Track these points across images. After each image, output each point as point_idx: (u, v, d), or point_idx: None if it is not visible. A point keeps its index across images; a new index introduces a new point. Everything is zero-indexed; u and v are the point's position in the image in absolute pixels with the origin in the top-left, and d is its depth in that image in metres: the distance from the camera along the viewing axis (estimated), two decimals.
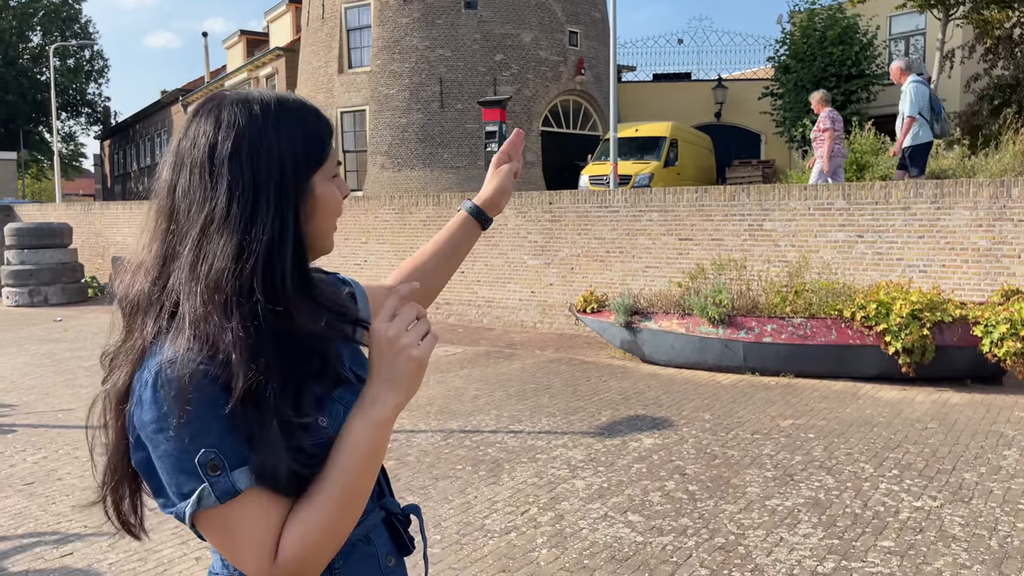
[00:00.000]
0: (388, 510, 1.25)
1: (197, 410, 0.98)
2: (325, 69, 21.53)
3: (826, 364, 7.58)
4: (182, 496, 1.01)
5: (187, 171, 1.10)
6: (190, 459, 0.99)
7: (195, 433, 0.99)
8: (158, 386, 1.00)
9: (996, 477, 4.99)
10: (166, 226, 1.10)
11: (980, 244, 8.27)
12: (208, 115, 1.11)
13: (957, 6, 12.21)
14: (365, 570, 1.17)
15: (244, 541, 1.02)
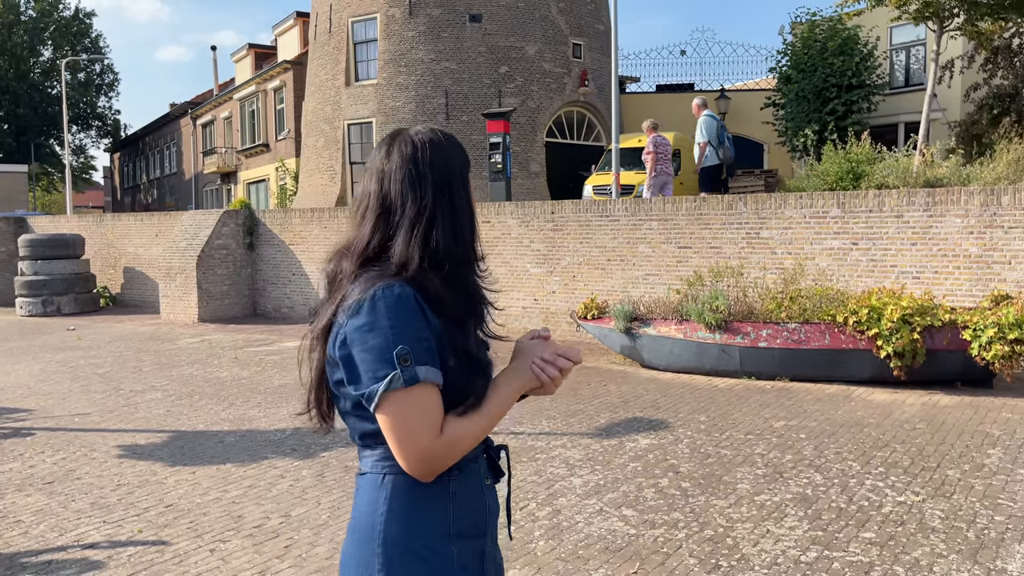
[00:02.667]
0: (487, 445, 1.67)
1: (402, 319, 1.42)
2: (332, 82, 21.86)
3: (820, 368, 7.77)
4: (377, 379, 1.41)
5: (397, 182, 1.55)
6: (390, 352, 1.41)
7: (397, 333, 1.41)
8: (376, 299, 1.44)
9: (979, 474, 5.18)
10: (376, 222, 1.55)
11: (971, 251, 8.45)
12: (404, 142, 1.58)
13: (952, 18, 12.41)
14: (472, 481, 1.59)
15: (416, 418, 1.42)
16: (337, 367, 1.49)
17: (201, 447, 6.25)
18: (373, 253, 1.53)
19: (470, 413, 1.48)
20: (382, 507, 1.49)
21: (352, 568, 1.52)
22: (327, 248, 14.84)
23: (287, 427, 6.80)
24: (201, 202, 38.51)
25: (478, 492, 1.58)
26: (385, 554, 1.47)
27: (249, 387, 8.61)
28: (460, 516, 1.53)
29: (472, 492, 1.57)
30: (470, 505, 1.55)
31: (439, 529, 1.50)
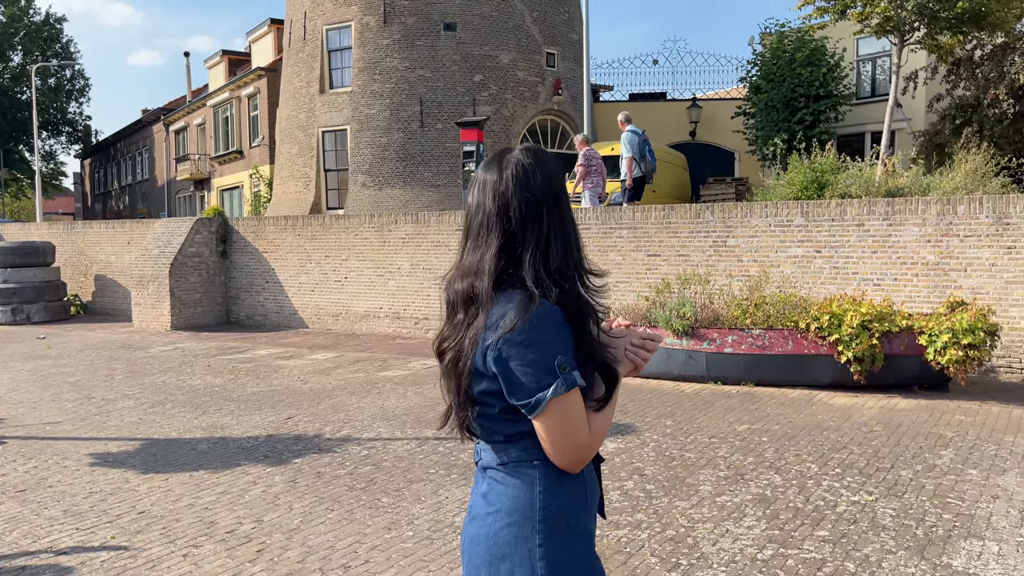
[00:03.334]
0: None
1: (555, 332, 1.59)
2: (307, 89, 21.89)
3: (783, 373, 7.98)
4: (542, 388, 1.56)
5: (516, 207, 1.67)
6: (551, 362, 1.57)
7: (554, 346, 1.58)
8: (532, 316, 1.58)
9: (930, 474, 5.38)
10: (501, 245, 1.66)
11: (929, 259, 8.72)
12: (516, 164, 1.70)
13: (912, 32, 12.76)
14: (590, 468, 1.76)
15: (578, 417, 1.61)
16: (484, 379, 1.63)
17: (174, 454, 6.30)
18: (501, 275, 1.65)
19: (603, 408, 1.68)
20: (539, 487, 1.64)
21: (502, 545, 1.65)
22: (301, 255, 14.91)
23: (260, 434, 6.87)
24: (174, 209, 38.23)
25: (594, 474, 1.77)
26: (545, 529, 1.63)
27: (222, 395, 8.65)
28: (591, 493, 1.73)
29: (592, 474, 1.76)
30: (594, 485, 1.76)
31: (581, 506, 1.69)
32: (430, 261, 13.07)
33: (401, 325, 13.43)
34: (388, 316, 13.60)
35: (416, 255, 13.24)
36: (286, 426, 7.16)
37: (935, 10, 12.20)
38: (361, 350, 11.88)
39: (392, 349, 11.96)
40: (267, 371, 10.15)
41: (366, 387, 8.96)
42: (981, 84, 17.21)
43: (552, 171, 1.72)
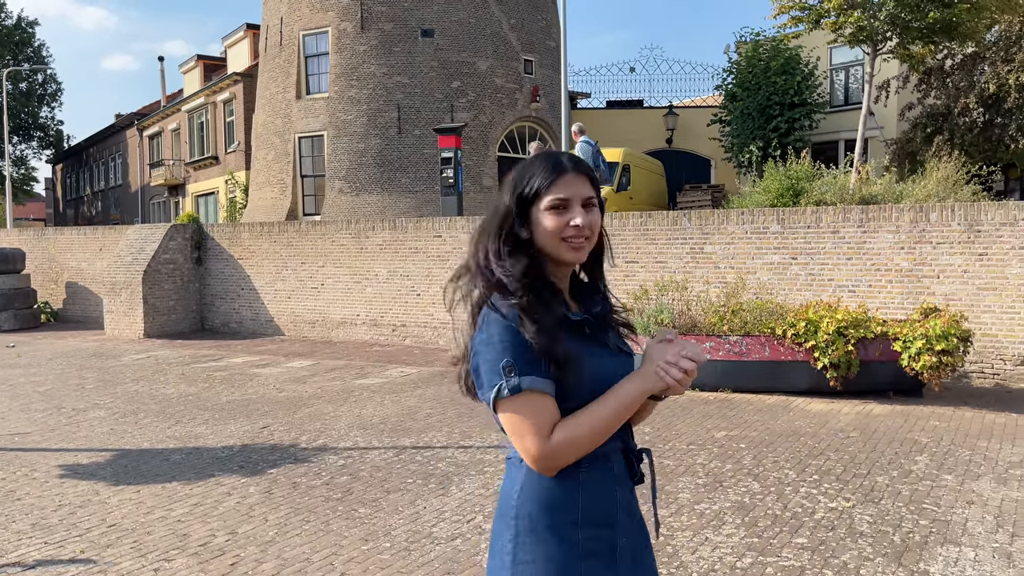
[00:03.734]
0: (626, 446, 1.74)
1: (504, 336, 1.59)
2: (283, 95, 21.74)
3: (761, 379, 8.02)
4: (491, 387, 1.58)
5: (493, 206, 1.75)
6: (498, 364, 1.58)
7: (504, 348, 1.58)
8: (486, 316, 1.63)
9: (906, 480, 5.42)
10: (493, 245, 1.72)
11: (902, 265, 8.81)
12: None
13: (885, 41, 12.93)
14: (602, 476, 1.67)
15: (524, 424, 1.57)
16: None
17: (146, 465, 6.19)
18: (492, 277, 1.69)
19: (579, 414, 1.59)
20: (518, 486, 1.65)
21: (495, 536, 1.72)
22: (277, 262, 14.77)
23: (235, 444, 6.78)
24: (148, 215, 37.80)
25: (609, 486, 1.65)
26: (516, 527, 1.64)
27: (196, 404, 8.53)
28: (589, 505, 1.63)
29: (602, 485, 1.65)
30: (599, 496, 1.64)
31: (567, 514, 1.62)
32: (408, 268, 13.01)
33: (378, 332, 13.35)
34: (365, 323, 13.51)
35: (394, 262, 13.18)
36: (261, 435, 7.07)
37: (907, 20, 12.37)
38: (338, 358, 11.79)
39: (369, 356, 11.88)
40: (242, 379, 10.03)
41: (343, 395, 8.88)
42: (951, 93, 17.47)
43: (515, 175, 1.71)
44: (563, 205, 1.67)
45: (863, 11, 12.40)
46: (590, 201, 1.69)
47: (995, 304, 8.64)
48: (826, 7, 12.77)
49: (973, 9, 12.45)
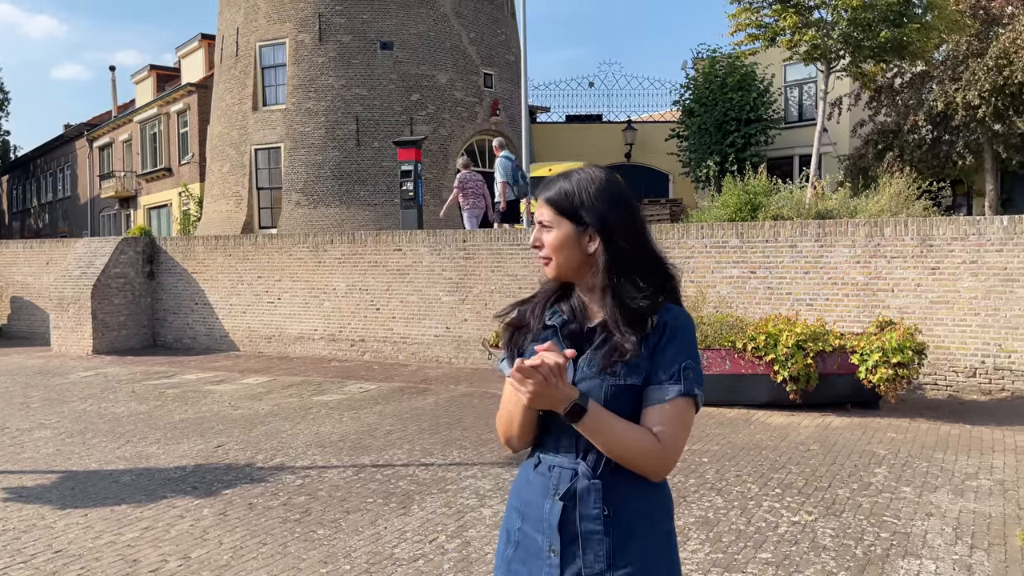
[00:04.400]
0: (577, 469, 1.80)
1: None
2: (239, 106, 21.43)
3: (722, 393, 8.05)
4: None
5: None
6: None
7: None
8: None
9: (866, 492, 5.46)
10: None
11: (858, 279, 8.95)
12: None
13: (838, 59, 13.21)
14: (523, 472, 1.91)
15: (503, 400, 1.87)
16: None
17: (94, 488, 5.97)
18: None
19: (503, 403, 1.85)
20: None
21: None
22: (232, 276, 14.48)
23: (188, 464, 6.57)
24: (97, 228, 36.90)
25: (525, 482, 1.84)
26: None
27: (147, 422, 8.28)
28: (512, 493, 1.90)
29: (521, 479, 1.87)
30: (517, 487, 1.87)
31: (513, 497, 1.89)
32: (367, 281, 12.86)
33: (337, 347, 13.15)
34: (323, 338, 13.31)
35: (352, 275, 13.01)
36: (215, 455, 6.87)
37: (859, 39, 12.65)
38: (295, 373, 11.57)
39: (327, 372, 11.68)
40: (196, 397, 9.78)
41: (300, 412, 8.69)
42: (901, 111, 17.92)
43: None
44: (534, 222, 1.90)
45: (817, 30, 12.65)
46: (544, 224, 1.83)
47: (947, 317, 8.81)
48: (781, 25, 13.00)
49: (922, 29, 12.79)
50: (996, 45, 15.75)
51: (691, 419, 1.75)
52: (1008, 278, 8.55)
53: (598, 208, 1.78)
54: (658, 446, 1.68)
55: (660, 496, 1.80)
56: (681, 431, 1.72)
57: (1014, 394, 8.60)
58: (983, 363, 8.70)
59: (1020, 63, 15.24)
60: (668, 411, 1.70)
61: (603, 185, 1.80)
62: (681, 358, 1.72)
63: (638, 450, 1.69)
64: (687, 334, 1.76)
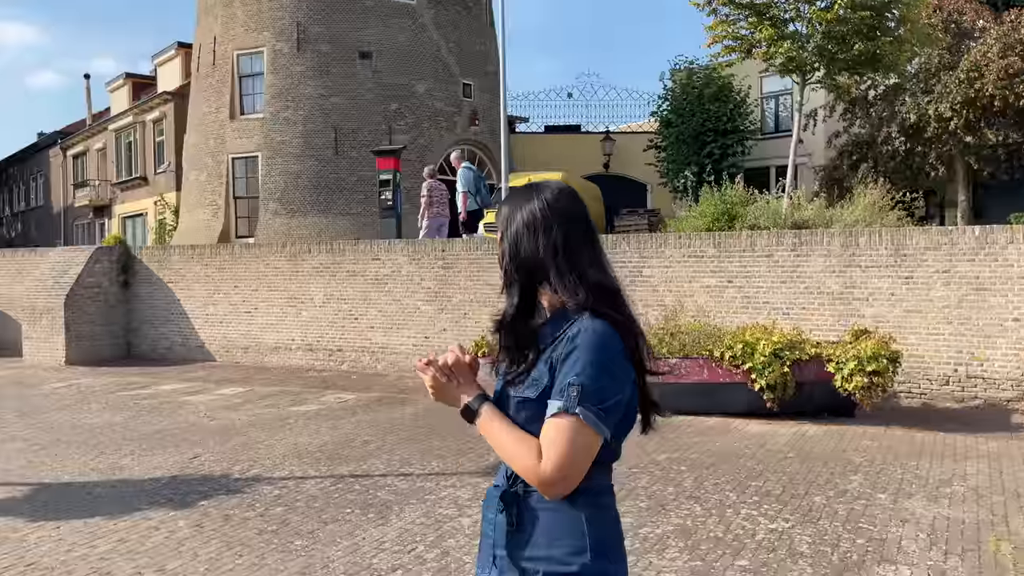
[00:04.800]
0: (499, 485, 1.81)
1: None
2: (216, 115, 21.29)
3: (700, 401, 8.09)
4: None
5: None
6: None
7: None
8: None
9: (842, 499, 5.51)
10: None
11: (834, 288, 9.05)
12: None
13: (813, 72, 13.38)
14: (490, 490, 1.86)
15: None
16: None
17: (67, 500, 5.88)
18: None
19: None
20: None
21: None
22: (209, 286, 14.37)
23: (163, 475, 6.50)
24: (71, 237, 36.44)
25: (490, 494, 1.81)
26: None
27: (122, 434, 8.17)
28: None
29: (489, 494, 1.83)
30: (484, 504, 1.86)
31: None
32: (345, 291, 12.80)
33: (314, 357, 13.07)
34: (301, 348, 13.22)
35: (330, 285, 12.95)
36: (191, 466, 6.79)
37: (834, 52, 12.81)
38: (272, 384, 11.48)
39: (305, 382, 11.60)
40: (171, 407, 9.67)
41: (277, 423, 8.62)
42: (875, 122, 18.16)
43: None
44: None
45: (792, 42, 12.80)
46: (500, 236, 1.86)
47: (921, 326, 8.93)
48: (757, 38, 13.15)
49: (895, 42, 12.98)
50: (967, 58, 16.04)
51: (580, 440, 1.61)
52: (980, 287, 8.68)
53: (512, 218, 1.81)
54: (536, 463, 1.63)
55: (566, 516, 1.69)
56: (562, 451, 1.61)
57: (986, 402, 8.72)
58: (956, 371, 8.82)
59: (991, 76, 15.53)
60: (550, 428, 1.63)
61: (530, 198, 1.80)
62: (571, 374, 1.64)
63: (519, 464, 1.66)
64: (587, 350, 1.65)
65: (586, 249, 1.78)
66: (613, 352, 1.68)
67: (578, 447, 1.61)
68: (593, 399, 1.62)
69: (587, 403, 1.61)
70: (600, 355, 1.65)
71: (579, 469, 1.63)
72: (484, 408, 1.74)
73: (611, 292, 1.77)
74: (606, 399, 1.64)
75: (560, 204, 1.79)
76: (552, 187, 1.83)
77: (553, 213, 1.78)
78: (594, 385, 1.63)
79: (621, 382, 1.68)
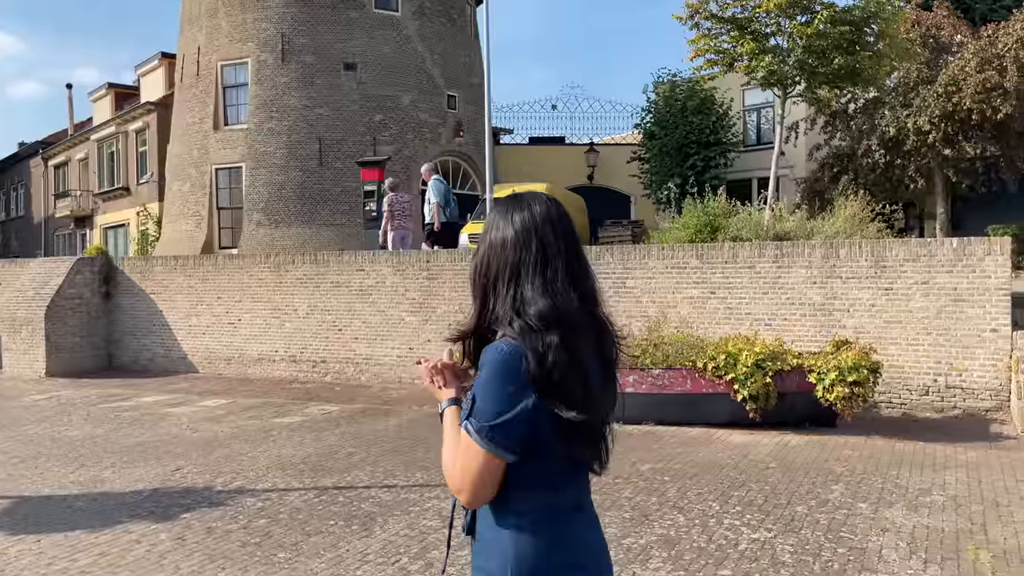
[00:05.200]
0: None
1: None
2: (200, 125, 21.23)
3: (683, 412, 8.13)
4: None
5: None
6: None
7: None
8: None
9: (823, 509, 5.55)
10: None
11: (815, 299, 9.14)
12: None
13: (794, 85, 13.55)
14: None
15: None
16: None
17: (47, 513, 5.82)
18: None
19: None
20: None
21: None
22: (192, 297, 14.28)
23: (144, 488, 6.45)
24: (52, 248, 36.14)
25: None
26: None
27: (103, 446, 8.10)
28: None
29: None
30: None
31: None
32: (329, 302, 12.77)
33: (298, 368, 13.02)
34: (284, 359, 13.16)
35: (314, 296, 12.91)
36: (173, 479, 6.75)
37: (814, 66, 12.98)
38: (255, 395, 11.42)
39: (288, 394, 11.55)
40: (153, 419, 9.59)
41: (261, 435, 8.58)
42: (855, 135, 18.39)
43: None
44: None
45: (774, 56, 12.95)
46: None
47: (900, 336, 9.03)
48: (739, 52, 13.30)
49: (874, 57, 13.17)
50: (945, 73, 16.29)
51: (471, 453, 1.66)
52: (958, 298, 8.80)
53: (486, 232, 1.83)
54: (451, 471, 1.72)
55: (496, 535, 1.72)
56: (460, 460, 1.68)
57: (965, 412, 8.82)
58: (935, 381, 8.92)
59: (968, 90, 15.77)
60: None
61: (505, 210, 1.80)
62: (474, 390, 1.71)
63: (446, 470, 1.74)
64: (485, 368, 1.68)
65: (554, 266, 1.73)
66: (509, 372, 1.66)
67: (469, 459, 1.67)
68: (481, 415, 1.65)
69: (474, 418, 1.66)
70: (492, 376, 1.66)
71: (475, 482, 1.67)
72: (447, 412, 1.82)
73: (552, 319, 1.69)
74: (494, 417, 1.64)
75: (534, 221, 1.76)
76: (534, 199, 1.80)
77: (525, 232, 1.75)
78: (482, 402, 1.66)
79: (510, 402, 1.64)
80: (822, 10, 12.57)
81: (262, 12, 20.40)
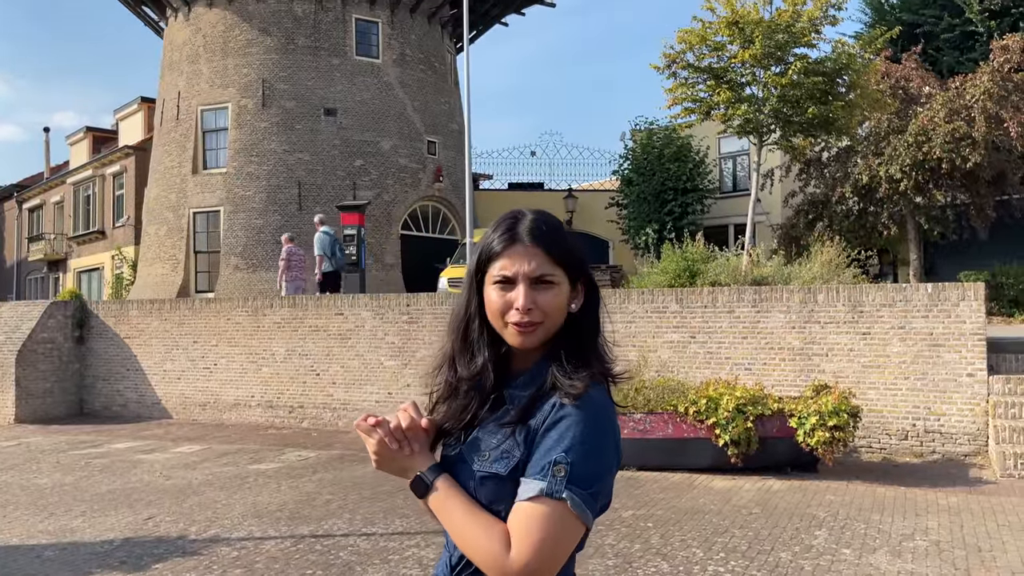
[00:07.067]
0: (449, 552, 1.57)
1: None
2: (179, 169, 21.20)
3: (665, 457, 8.09)
4: None
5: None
6: None
7: None
8: None
9: (807, 555, 5.51)
10: None
11: (794, 344, 9.19)
12: None
13: (769, 133, 13.83)
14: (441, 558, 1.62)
15: None
16: None
17: (14, 563, 5.63)
18: None
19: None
20: None
21: None
22: (167, 341, 14.10)
23: (115, 537, 6.27)
24: (23, 291, 35.65)
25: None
26: None
27: (73, 494, 7.89)
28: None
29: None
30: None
31: None
32: (307, 347, 12.65)
33: (274, 414, 12.82)
34: (260, 405, 12.97)
35: (292, 340, 12.79)
36: (146, 527, 6.57)
37: (788, 115, 13.28)
38: (231, 441, 11.22)
39: (265, 440, 11.36)
40: (125, 467, 9.37)
41: (236, 481, 8.40)
42: (829, 183, 18.74)
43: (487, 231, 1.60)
44: (508, 281, 1.47)
45: (749, 105, 13.24)
46: (543, 279, 1.45)
47: (879, 381, 9.09)
48: (716, 100, 13.57)
49: (847, 107, 13.50)
50: (915, 122, 16.70)
51: (563, 530, 1.34)
52: (934, 343, 8.89)
53: (581, 258, 1.51)
54: (503, 555, 1.35)
55: None
56: (540, 542, 1.33)
57: (944, 456, 8.85)
58: (914, 426, 8.96)
59: (938, 140, 16.16)
60: (524, 513, 1.35)
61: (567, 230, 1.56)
62: (556, 450, 1.37)
63: (481, 554, 1.38)
64: (577, 423, 1.38)
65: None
66: (607, 427, 1.42)
67: (560, 538, 1.34)
68: (583, 483, 1.35)
69: (575, 487, 1.35)
70: (589, 431, 1.38)
71: (556, 564, 1.36)
72: (439, 482, 1.46)
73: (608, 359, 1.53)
74: (595, 483, 1.37)
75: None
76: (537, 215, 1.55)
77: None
78: (584, 465, 1.36)
79: (611, 463, 1.42)
80: (795, 61, 12.91)
81: (243, 58, 20.56)
